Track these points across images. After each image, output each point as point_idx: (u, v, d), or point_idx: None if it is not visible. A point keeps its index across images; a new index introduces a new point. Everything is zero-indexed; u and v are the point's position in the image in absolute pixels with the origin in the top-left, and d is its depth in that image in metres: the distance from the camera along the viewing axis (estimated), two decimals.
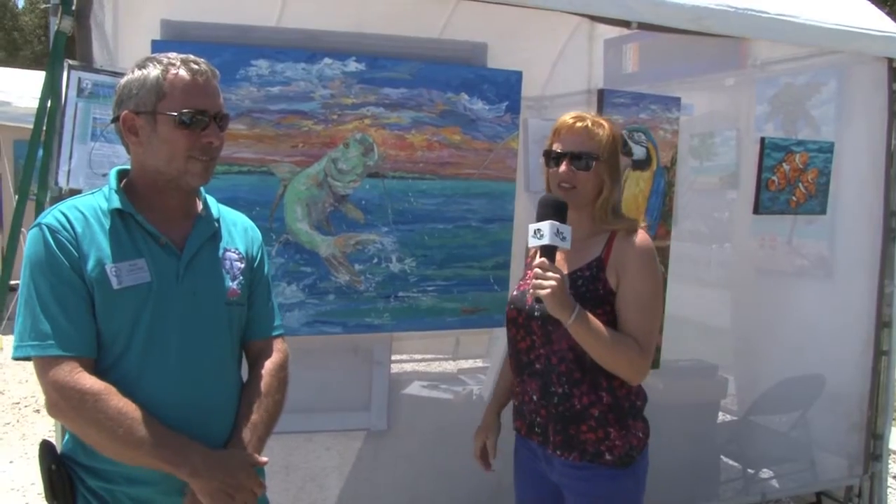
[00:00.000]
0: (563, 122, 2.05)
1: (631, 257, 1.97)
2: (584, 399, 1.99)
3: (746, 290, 3.90)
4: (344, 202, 2.68)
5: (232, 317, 1.71)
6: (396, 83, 2.68)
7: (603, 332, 1.91)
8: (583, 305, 1.92)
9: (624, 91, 2.95)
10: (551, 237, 1.87)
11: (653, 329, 1.98)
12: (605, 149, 2.00)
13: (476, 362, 4.08)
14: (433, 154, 2.76)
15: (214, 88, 1.63)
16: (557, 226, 1.87)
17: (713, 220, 4.07)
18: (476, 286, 2.88)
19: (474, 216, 2.85)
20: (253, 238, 1.83)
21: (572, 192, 2.01)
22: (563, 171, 2.01)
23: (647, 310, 1.96)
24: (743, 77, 3.85)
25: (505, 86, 2.82)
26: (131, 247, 1.58)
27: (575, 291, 1.97)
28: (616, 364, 1.95)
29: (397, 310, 2.78)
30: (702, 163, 3.87)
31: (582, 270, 2.01)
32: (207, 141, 1.60)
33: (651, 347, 1.97)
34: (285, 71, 2.55)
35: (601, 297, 1.97)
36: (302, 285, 2.65)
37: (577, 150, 2.00)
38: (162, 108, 1.58)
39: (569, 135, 2.02)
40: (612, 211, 2.05)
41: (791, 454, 3.79)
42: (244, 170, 2.54)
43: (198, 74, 1.60)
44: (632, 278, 1.96)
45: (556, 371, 2.00)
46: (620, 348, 1.92)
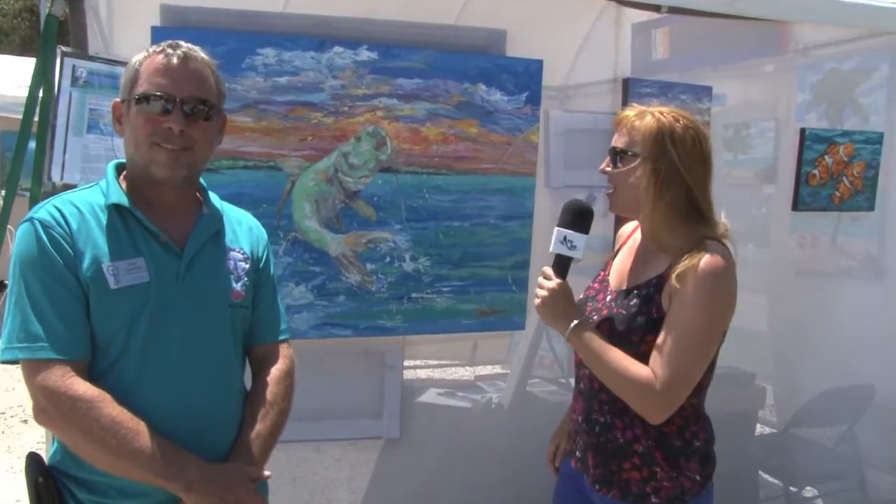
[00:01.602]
0: (619, 115, 1.95)
1: (687, 282, 1.77)
2: (627, 433, 1.87)
3: (786, 293, 3.87)
4: (355, 199, 2.71)
5: (235, 320, 1.71)
6: (410, 73, 2.70)
7: (607, 355, 1.80)
8: (630, 329, 1.83)
9: (651, 80, 2.95)
10: (556, 244, 1.86)
11: (685, 371, 1.78)
12: (646, 144, 1.83)
13: (495, 368, 4.08)
14: (449, 148, 2.77)
15: (192, 73, 1.61)
16: (565, 233, 1.85)
17: (749, 217, 4.03)
18: (494, 287, 2.89)
19: (492, 213, 2.86)
20: (258, 237, 1.83)
21: (610, 196, 1.93)
22: (602, 168, 1.93)
23: (685, 347, 1.77)
24: (783, 63, 3.82)
25: (525, 75, 2.83)
26: (129, 245, 1.58)
27: (626, 311, 1.86)
28: (622, 394, 1.83)
29: (410, 311, 2.80)
30: (736, 156, 3.85)
31: (640, 288, 1.88)
32: (167, 127, 1.58)
33: (677, 390, 1.79)
34: (293, 60, 2.57)
35: (653, 323, 1.82)
36: (310, 286, 2.67)
37: (614, 145, 1.90)
38: (133, 93, 1.61)
39: (616, 129, 1.92)
40: (668, 226, 1.86)
41: (838, 471, 3.73)
42: (250, 164, 2.56)
43: (172, 57, 1.60)
44: (679, 305, 1.78)
45: (597, 398, 1.92)
46: (628, 381, 1.79)
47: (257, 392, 1.74)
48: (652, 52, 3.69)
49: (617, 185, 1.90)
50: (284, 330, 1.85)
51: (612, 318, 1.88)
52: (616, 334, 1.85)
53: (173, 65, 1.59)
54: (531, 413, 3.17)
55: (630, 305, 1.86)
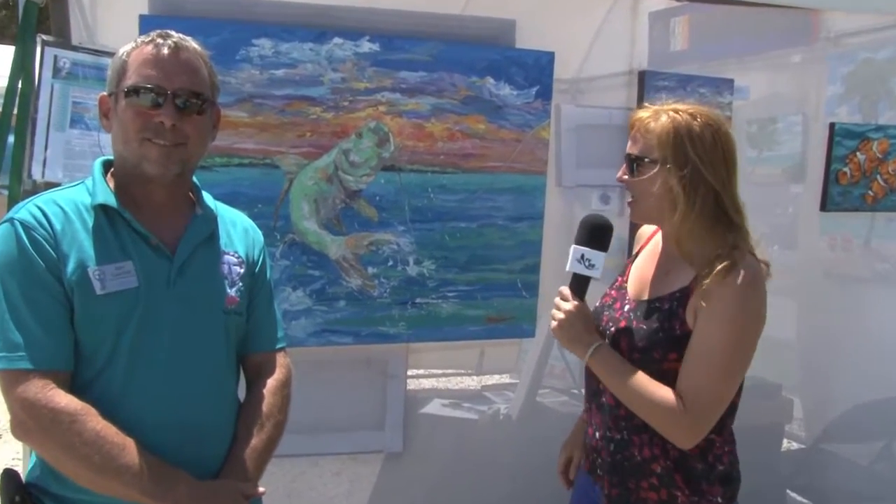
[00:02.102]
0: (631, 115, 1.93)
1: (715, 297, 1.73)
2: (645, 450, 1.86)
3: (815, 298, 3.85)
4: (356, 198, 2.72)
5: (229, 327, 1.71)
6: (414, 66, 2.71)
7: (630, 379, 1.79)
8: (651, 346, 1.81)
9: (668, 73, 2.96)
10: (573, 263, 1.86)
11: (715, 395, 1.76)
12: (664, 148, 1.80)
13: (503, 378, 4.07)
14: (455, 145, 2.79)
15: (184, 64, 1.61)
16: (582, 251, 1.86)
17: (775, 218, 4.03)
18: (502, 292, 2.91)
19: (500, 214, 2.88)
20: (254, 240, 1.83)
21: (631, 206, 1.92)
22: (618, 177, 1.91)
23: (714, 369, 1.74)
24: (812, 53, 3.79)
25: (535, 68, 2.84)
26: (117, 247, 1.58)
27: (647, 326, 1.83)
28: (647, 418, 1.82)
29: (415, 318, 2.81)
30: (761, 153, 3.84)
31: (662, 300, 1.85)
32: (158, 121, 1.57)
33: (707, 414, 1.77)
34: (291, 51, 2.58)
35: (676, 340, 1.79)
36: (309, 290, 2.69)
37: (629, 152, 1.88)
38: (121, 85, 1.60)
39: (630, 132, 1.90)
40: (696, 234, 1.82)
41: (874, 491, 3.68)
42: (245, 162, 2.58)
43: (163, 47, 1.59)
44: (707, 322, 1.75)
45: (615, 413, 1.90)
46: (654, 406, 1.78)
47: (252, 403, 1.74)
48: (670, 42, 3.69)
49: (638, 194, 1.87)
50: (281, 338, 1.85)
51: (632, 332, 1.86)
52: (636, 350, 1.83)
53: (163, 55, 1.59)
54: (541, 424, 3.17)
55: (651, 320, 1.84)
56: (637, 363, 1.81)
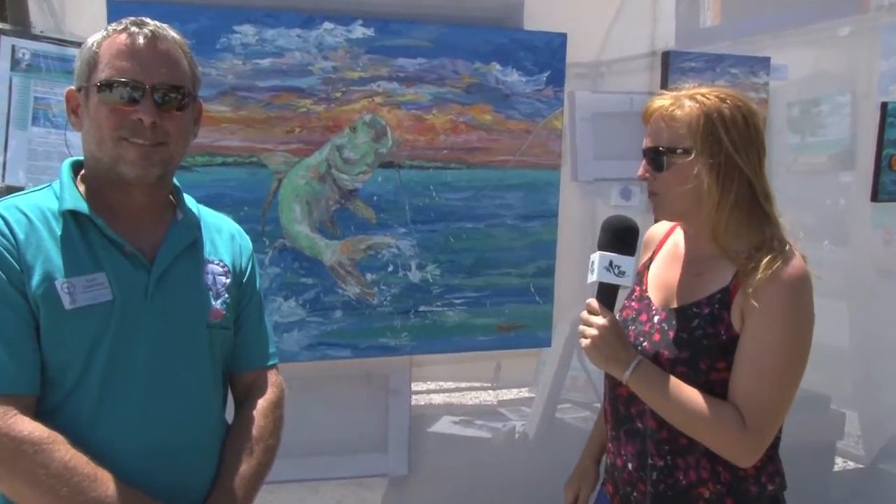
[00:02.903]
0: (646, 106, 1.91)
1: (765, 295, 1.73)
2: (691, 474, 1.84)
3: (867, 299, 3.81)
4: (352, 198, 2.74)
5: (214, 343, 1.71)
6: (413, 52, 2.73)
7: (679, 396, 1.76)
8: (697, 356, 1.79)
9: (695, 53, 2.95)
10: (601, 272, 1.82)
11: (775, 404, 1.75)
12: (695, 136, 1.79)
13: (521, 392, 4.05)
14: (459, 138, 2.80)
15: (162, 55, 1.60)
16: (611, 257, 1.81)
17: (822, 210, 3.99)
18: (514, 297, 2.93)
19: (510, 213, 2.89)
20: (241, 247, 1.83)
21: (656, 201, 1.90)
22: (641, 174, 1.89)
23: (769, 373, 1.73)
24: (863, 24, 3.75)
25: (546, 52, 2.85)
26: (88, 257, 1.57)
27: (687, 335, 1.81)
28: (702, 438, 1.80)
29: (418, 328, 2.83)
30: (804, 138, 3.81)
31: (700, 305, 1.83)
32: (136, 118, 1.56)
33: (769, 426, 1.76)
34: (276, 39, 2.60)
35: (723, 347, 1.78)
36: (302, 300, 2.71)
37: (651, 144, 1.86)
38: (93, 79, 1.59)
39: (649, 123, 1.89)
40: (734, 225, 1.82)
41: None
42: (229, 161, 2.59)
43: (138, 36, 1.58)
44: (758, 325, 1.74)
45: (655, 438, 1.87)
46: (711, 423, 1.75)
47: (240, 427, 1.74)
48: (700, 18, 3.68)
49: (665, 190, 1.86)
50: (272, 354, 1.86)
51: (671, 343, 1.84)
52: (679, 362, 1.81)
53: (139, 45, 1.58)
54: (561, 443, 3.13)
55: (692, 327, 1.82)
56: (681, 377, 1.79)
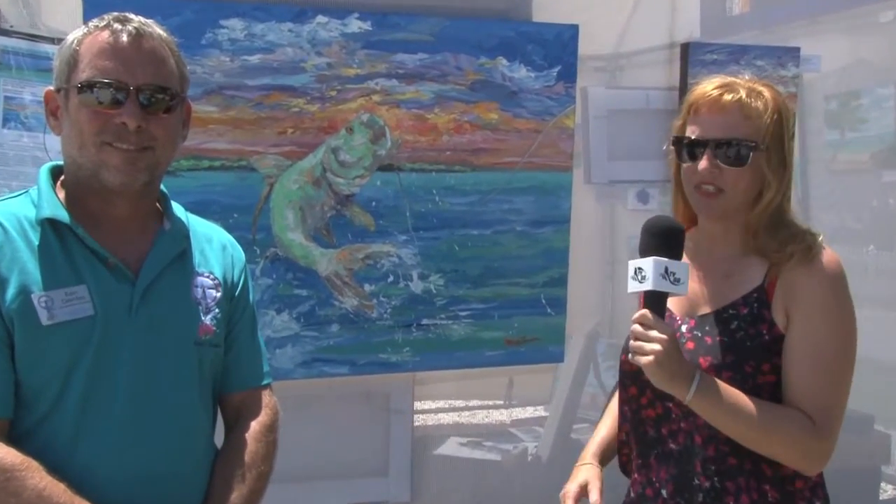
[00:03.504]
0: (702, 93, 1.88)
1: (808, 287, 1.78)
2: (742, 497, 1.82)
3: None
4: (348, 204, 2.74)
5: (203, 362, 1.70)
6: (413, 47, 2.72)
7: (745, 408, 1.75)
8: (742, 359, 1.79)
9: (717, 44, 2.94)
10: (656, 280, 1.73)
11: (838, 398, 1.78)
12: (769, 132, 1.82)
13: (535, 410, 4.01)
14: (463, 139, 2.80)
15: (148, 54, 1.59)
16: (665, 263, 1.74)
17: (866, 211, 3.94)
18: (523, 309, 2.92)
19: (519, 218, 2.89)
20: (233, 258, 1.82)
21: (718, 199, 1.86)
22: (705, 168, 1.83)
23: (830, 369, 1.77)
24: None
25: (556, 45, 2.85)
26: (68, 269, 1.56)
27: (728, 338, 1.82)
28: (773, 450, 1.79)
29: (421, 342, 2.82)
30: (844, 134, 3.78)
31: (737, 307, 1.84)
32: (120, 122, 1.55)
33: (834, 425, 1.77)
34: (266, 33, 2.60)
35: (767, 347, 1.80)
36: (296, 313, 2.71)
37: (726, 136, 1.83)
38: (73, 80, 1.58)
39: (711, 113, 1.86)
40: (777, 222, 1.85)
41: None
42: (216, 165, 2.59)
43: (121, 34, 1.58)
44: (808, 319, 1.78)
45: (700, 455, 1.85)
46: (782, 431, 1.76)
47: (231, 452, 1.73)
48: (726, 6, 3.65)
49: (735, 186, 1.84)
50: (266, 373, 1.85)
51: (709, 350, 1.84)
52: (724, 368, 1.81)
53: (123, 43, 1.57)
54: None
55: (731, 329, 1.83)
56: (727, 383, 1.78)
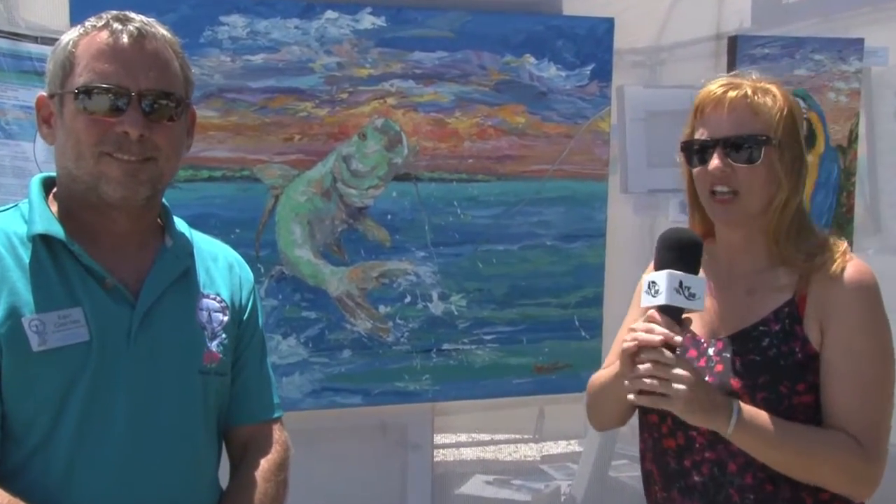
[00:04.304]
0: (707, 93, 1.93)
1: (843, 302, 1.82)
2: None
3: None
4: (361, 217, 2.73)
5: (209, 392, 1.70)
6: (431, 44, 2.72)
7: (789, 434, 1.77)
8: (776, 379, 1.81)
9: (769, 36, 2.92)
10: (670, 294, 1.76)
11: (883, 417, 1.81)
12: (779, 127, 1.87)
13: (570, 445, 3.98)
14: (487, 145, 2.79)
15: (151, 56, 1.60)
16: (680, 277, 1.76)
17: None
18: (555, 332, 2.90)
19: (549, 232, 2.87)
20: (241, 279, 1.83)
21: (734, 202, 1.89)
22: (716, 167, 1.87)
23: (873, 388, 1.80)
24: None
25: (589, 41, 2.84)
26: (62, 290, 1.56)
27: (761, 357, 1.85)
28: (821, 477, 1.81)
29: (441, 369, 2.81)
30: None
31: (767, 323, 1.88)
32: (121, 131, 1.56)
33: (882, 446, 1.80)
34: (271, 31, 2.59)
35: (801, 365, 1.83)
36: (304, 337, 2.70)
37: (734, 134, 1.88)
38: (68, 85, 1.59)
39: (718, 112, 1.90)
40: (799, 228, 1.90)
41: None
42: (217, 175, 2.59)
43: (121, 34, 1.58)
44: (846, 337, 1.81)
45: (734, 483, 1.87)
46: (826, 456, 1.78)
47: (238, 492, 1.73)
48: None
49: (750, 186, 1.88)
50: (276, 405, 1.85)
51: (740, 371, 1.86)
52: (757, 389, 1.83)
53: (123, 45, 1.58)
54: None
55: (763, 348, 1.86)
56: (762, 405, 1.81)
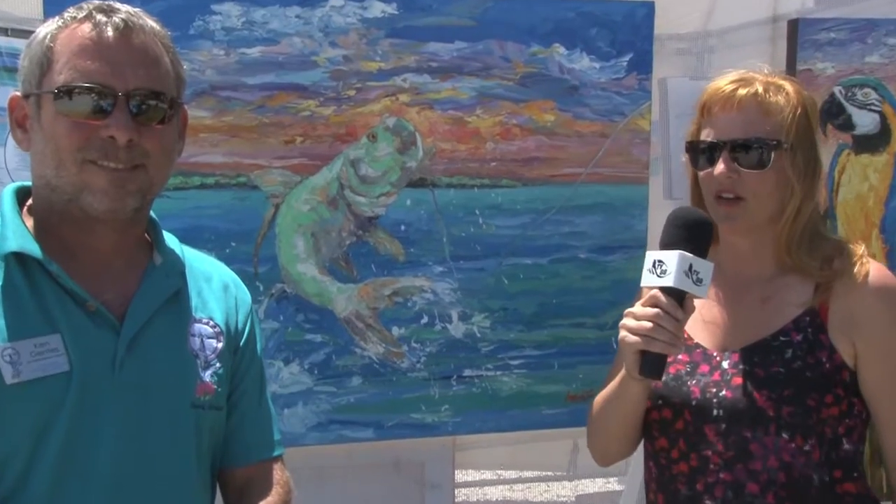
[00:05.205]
0: (715, 90, 2.03)
1: (871, 306, 1.94)
2: None
3: None
4: (372, 229, 2.72)
5: (202, 427, 1.72)
6: (449, 34, 2.71)
7: None
8: (803, 392, 1.90)
9: (835, 19, 2.91)
10: (679, 277, 1.83)
11: None
12: (792, 129, 1.97)
13: (608, 483, 4.00)
14: (512, 146, 2.77)
15: (139, 52, 1.62)
16: (690, 260, 1.83)
17: None
18: (590, 356, 2.87)
19: (583, 243, 2.85)
20: (237, 300, 1.86)
21: (739, 208, 2.00)
22: (722, 173, 1.98)
23: None
24: None
25: (626, 27, 2.82)
26: (38, 315, 1.58)
27: (784, 369, 1.94)
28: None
29: (462, 398, 2.79)
30: None
31: (787, 333, 1.97)
32: (106, 135, 1.57)
33: None
34: (269, 20, 2.59)
35: (827, 377, 1.93)
36: (308, 364, 2.69)
37: (742, 137, 1.98)
38: (46, 84, 1.60)
39: (726, 111, 2.01)
40: (812, 235, 2.00)
41: None
42: (209, 182, 2.58)
43: (105, 27, 1.59)
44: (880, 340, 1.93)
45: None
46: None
47: None
48: None
49: (757, 192, 1.98)
50: (277, 442, 1.88)
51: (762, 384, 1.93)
52: (783, 403, 1.91)
53: (108, 39, 1.59)
54: None
55: (786, 359, 1.94)
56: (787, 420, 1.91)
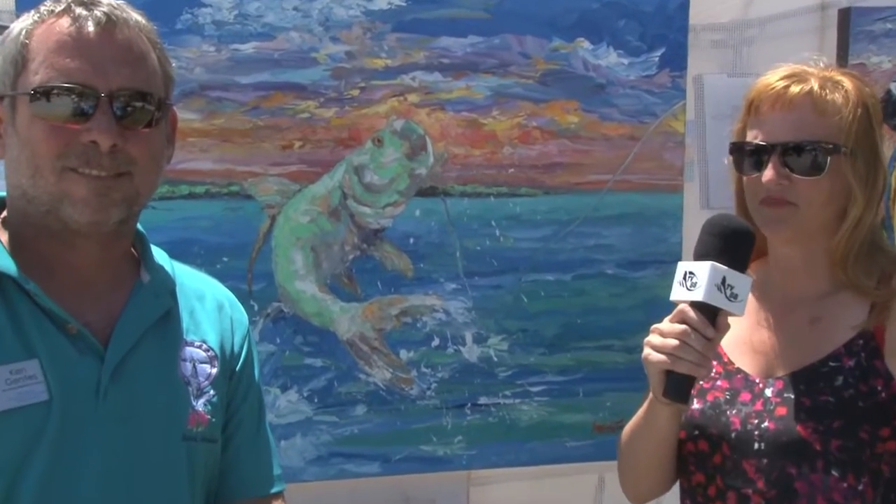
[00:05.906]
0: (764, 86, 2.02)
1: None
2: None
3: None
4: (378, 242, 2.72)
5: (195, 462, 1.73)
6: (461, 28, 2.71)
7: None
8: (855, 423, 1.88)
9: (889, 8, 2.98)
10: (709, 290, 1.83)
11: None
12: (852, 130, 1.95)
13: None
14: (532, 150, 2.78)
15: (122, 47, 1.63)
16: (724, 273, 1.83)
17: None
18: (618, 382, 2.87)
19: (611, 257, 2.86)
20: (233, 321, 1.88)
21: (790, 215, 1.98)
22: (771, 179, 1.97)
23: None
24: None
25: (658, 19, 2.84)
26: (13, 339, 1.59)
27: (834, 398, 1.93)
28: None
29: (478, 429, 2.80)
30: None
31: (838, 358, 1.96)
32: (88, 140, 1.58)
33: None
34: (264, 13, 2.60)
35: (884, 407, 1.92)
36: (307, 391, 2.70)
37: (796, 139, 1.97)
38: (21, 85, 1.61)
39: (776, 110, 2.00)
40: (871, 248, 1.99)
41: None
42: (198, 191, 2.59)
43: (85, 22, 1.60)
44: None
45: None
46: None
47: None
48: None
49: (810, 200, 1.97)
50: (277, 477, 1.90)
51: (810, 415, 1.93)
52: (831, 435, 1.90)
53: (89, 35, 1.60)
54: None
55: (836, 387, 1.93)
56: (836, 454, 1.89)
